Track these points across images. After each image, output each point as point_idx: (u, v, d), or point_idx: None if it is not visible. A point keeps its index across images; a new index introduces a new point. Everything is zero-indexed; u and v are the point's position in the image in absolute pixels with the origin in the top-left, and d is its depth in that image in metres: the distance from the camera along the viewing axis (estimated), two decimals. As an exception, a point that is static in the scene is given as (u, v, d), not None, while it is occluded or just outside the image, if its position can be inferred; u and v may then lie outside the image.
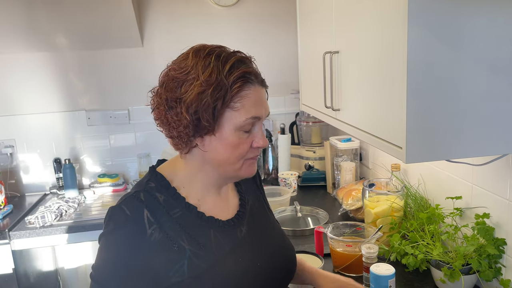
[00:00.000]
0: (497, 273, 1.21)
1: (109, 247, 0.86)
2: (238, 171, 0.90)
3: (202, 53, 0.85)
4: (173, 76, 0.85)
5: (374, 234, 1.40)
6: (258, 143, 0.89)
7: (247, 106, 0.85)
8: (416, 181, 1.65)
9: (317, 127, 2.50)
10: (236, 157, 0.88)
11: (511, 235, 1.17)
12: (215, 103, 0.82)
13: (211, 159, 0.89)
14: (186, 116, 0.82)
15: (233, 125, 0.85)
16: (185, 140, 0.87)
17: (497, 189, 1.20)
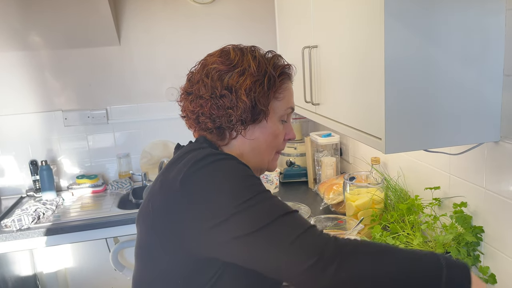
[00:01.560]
0: (476, 261, 1.24)
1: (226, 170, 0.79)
2: (269, 163, 0.97)
3: (244, 48, 0.94)
4: (218, 68, 0.90)
5: (355, 226, 1.41)
6: (290, 135, 0.98)
7: (287, 97, 0.95)
8: (396, 174, 1.67)
9: (297, 123, 2.51)
10: (274, 147, 0.95)
11: (488, 222, 1.20)
12: (269, 91, 0.90)
13: (251, 148, 0.93)
14: (246, 101, 0.87)
15: (277, 114, 0.93)
16: (233, 128, 0.89)
17: (473, 178, 1.23)
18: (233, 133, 0.91)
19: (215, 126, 0.90)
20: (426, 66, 1.01)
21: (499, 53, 1.05)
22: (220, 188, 0.76)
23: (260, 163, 0.96)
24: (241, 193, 0.75)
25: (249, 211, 0.73)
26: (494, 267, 1.19)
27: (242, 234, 0.72)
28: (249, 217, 0.73)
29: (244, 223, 0.72)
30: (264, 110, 0.90)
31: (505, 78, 1.05)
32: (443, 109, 1.04)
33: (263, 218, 0.73)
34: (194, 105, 0.91)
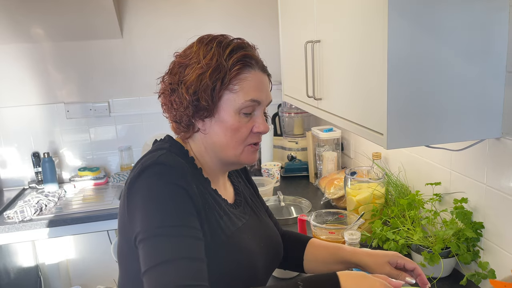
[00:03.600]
0: (475, 256, 1.25)
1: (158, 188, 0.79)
2: (239, 157, 0.92)
3: (205, 40, 0.90)
4: (178, 62, 0.90)
5: (356, 221, 1.42)
6: (258, 128, 0.91)
7: (246, 88, 0.88)
8: (397, 169, 1.67)
9: (299, 118, 2.52)
10: (237, 141, 0.90)
11: (488, 218, 1.20)
12: (214, 84, 0.85)
13: (212, 143, 0.91)
14: (186, 96, 0.86)
15: (233, 107, 0.88)
16: (187, 123, 0.90)
17: (474, 174, 1.23)
18: (192, 127, 0.91)
19: (174, 120, 0.91)
20: (429, 62, 1.01)
21: (502, 50, 1.05)
22: (144, 207, 0.78)
23: (226, 157, 0.92)
24: (163, 217, 0.77)
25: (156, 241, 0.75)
26: (494, 263, 1.20)
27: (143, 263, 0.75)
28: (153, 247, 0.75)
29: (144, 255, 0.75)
30: (207, 105, 0.86)
31: (508, 75, 1.05)
32: (445, 105, 1.05)
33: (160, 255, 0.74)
34: (162, 98, 0.94)
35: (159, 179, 0.79)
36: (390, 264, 0.99)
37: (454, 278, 1.29)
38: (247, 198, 1.07)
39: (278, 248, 1.07)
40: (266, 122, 0.94)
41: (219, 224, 0.88)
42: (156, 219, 0.76)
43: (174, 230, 0.76)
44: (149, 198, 0.78)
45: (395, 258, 0.99)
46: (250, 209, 1.04)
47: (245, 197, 1.06)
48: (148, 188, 0.79)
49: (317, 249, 1.12)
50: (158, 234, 0.75)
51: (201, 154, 0.94)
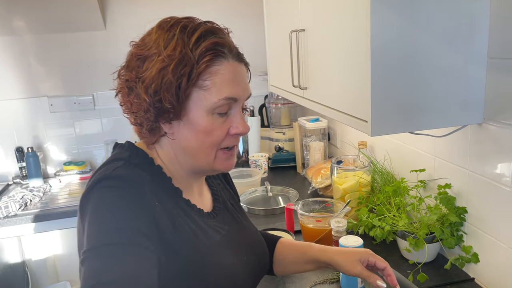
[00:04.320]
0: (459, 240, 1.27)
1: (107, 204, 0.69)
2: (213, 164, 0.79)
3: (166, 25, 0.75)
4: (135, 54, 0.76)
5: (342, 209, 1.43)
6: (237, 129, 0.78)
7: (220, 84, 0.74)
8: (383, 157, 1.69)
9: (286, 108, 2.52)
10: (210, 145, 0.77)
11: (471, 203, 1.22)
12: (178, 81, 0.71)
13: (182, 148, 0.78)
14: (145, 98, 0.72)
15: (204, 107, 0.74)
16: (149, 128, 0.76)
17: (457, 160, 1.25)
18: (158, 130, 0.77)
19: (136, 123, 0.78)
20: (412, 49, 1.02)
21: (483, 37, 1.06)
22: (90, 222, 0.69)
23: (197, 164, 0.80)
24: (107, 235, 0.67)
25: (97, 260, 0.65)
26: (477, 247, 1.22)
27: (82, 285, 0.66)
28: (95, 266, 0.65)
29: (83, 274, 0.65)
30: (171, 108, 0.72)
31: (489, 61, 1.07)
32: (428, 92, 1.06)
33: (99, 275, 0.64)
34: (120, 97, 0.79)
35: (110, 192, 0.69)
36: (361, 262, 0.93)
37: (438, 262, 1.31)
38: (226, 203, 0.95)
39: (264, 258, 0.97)
40: (245, 121, 0.79)
41: (192, 242, 0.77)
42: (100, 236, 0.66)
43: (116, 249, 0.65)
44: (96, 213, 0.68)
45: (366, 255, 0.94)
46: (230, 216, 0.93)
47: (224, 202, 0.94)
48: (97, 202, 0.69)
49: (287, 248, 1.04)
50: (97, 255, 0.65)
51: (170, 160, 0.81)
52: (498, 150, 1.09)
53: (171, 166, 0.82)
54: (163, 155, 0.81)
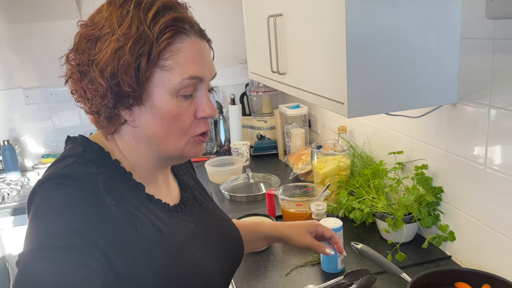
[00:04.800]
0: (436, 220, 1.29)
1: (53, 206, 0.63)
2: (183, 150, 0.74)
3: (118, 1, 0.69)
4: (85, 34, 0.69)
5: (322, 192, 1.44)
6: (203, 112, 0.73)
7: (182, 63, 0.69)
8: (362, 141, 1.71)
9: (267, 96, 2.52)
10: (178, 131, 0.72)
11: (447, 183, 1.25)
12: (137, 62, 0.66)
13: (146, 137, 0.72)
14: (102, 82, 0.66)
15: (167, 89, 0.69)
16: (108, 115, 0.69)
17: (433, 140, 1.27)
18: (117, 118, 0.71)
19: (92, 111, 0.71)
20: (387, 30, 1.02)
21: (456, 17, 1.07)
22: (31, 222, 0.63)
23: (165, 152, 0.74)
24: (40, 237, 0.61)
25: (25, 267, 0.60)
26: (453, 225, 1.25)
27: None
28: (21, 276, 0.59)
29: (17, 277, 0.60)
30: (131, 91, 0.67)
31: (462, 41, 1.08)
32: (403, 73, 1.07)
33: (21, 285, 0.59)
34: (70, 84, 0.73)
35: (55, 192, 0.63)
36: (310, 233, 1.01)
37: (416, 242, 1.33)
38: (194, 192, 0.90)
39: (238, 247, 0.93)
40: (212, 104, 0.74)
41: (158, 242, 0.71)
42: (39, 238, 0.61)
43: (54, 254, 0.60)
44: (38, 213, 0.63)
45: (314, 226, 1.02)
46: (199, 206, 0.88)
47: (192, 192, 0.89)
48: (40, 202, 0.64)
49: (239, 228, 0.99)
50: (33, 258, 0.60)
51: (132, 151, 0.75)
52: (472, 129, 1.11)
53: (133, 158, 0.75)
54: (124, 146, 0.75)
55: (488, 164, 1.07)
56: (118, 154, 0.75)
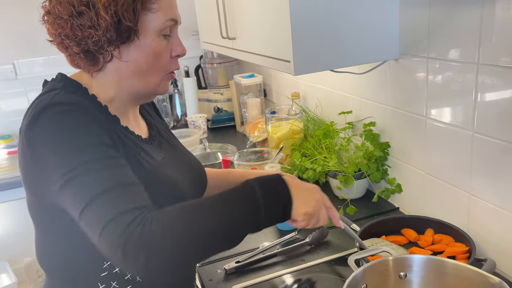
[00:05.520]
0: (384, 174, 1.35)
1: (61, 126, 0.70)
2: (158, 85, 0.85)
3: None
4: None
5: (276, 155, 1.47)
6: (176, 51, 0.85)
7: (165, 6, 0.81)
8: (314, 105, 1.74)
9: (222, 68, 2.50)
10: (159, 68, 0.83)
11: (394, 138, 1.30)
12: (134, 3, 0.77)
13: (131, 72, 0.81)
14: (106, 17, 0.74)
15: (154, 28, 0.80)
16: (101, 51, 0.78)
17: (379, 97, 1.31)
18: (106, 55, 0.79)
19: (82, 50, 0.78)
20: (329, -12, 1.03)
21: (396, -27, 1.10)
22: (61, 145, 0.70)
23: (145, 87, 0.84)
24: (81, 155, 0.69)
25: (81, 179, 0.68)
26: (400, 178, 1.30)
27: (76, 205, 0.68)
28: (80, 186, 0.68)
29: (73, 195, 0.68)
30: (132, 26, 0.77)
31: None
32: (346, 29, 1.08)
33: (91, 190, 0.67)
34: (55, 27, 0.78)
35: (63, 118, 0.71)
36: None
37: (367, 197, 1.39)
38: (161, 132, 0.99)
39: (202, 176, 1.03)
40: (182, 44, 0.87)
41: (137, 160, 0.81)
42: (74, 158, 0.69)
43: (96, 164, 0.69)
44: (57, 139, 0.70)
45: None
46: (166, 142, 0.97)
47: (159, 131, 0.98)
48: (51, 130, 0.71)
49: (209, 175, 1.08)
50: (81, 173, 0.68)
51: (110, 87, 0.83)
52: (413, 83, 1.15)
53: (109, 94, 0.83)
54: (103, 83, 0.83)
55: (428, 115, 1.12)
56: (94, 90, 0.83)
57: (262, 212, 0.71)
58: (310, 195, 0.77)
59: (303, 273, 1.06)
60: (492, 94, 0.92)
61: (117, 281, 0.79)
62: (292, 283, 1.03)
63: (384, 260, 0.76)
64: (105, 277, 0.79)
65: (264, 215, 0.71)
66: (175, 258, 0.66)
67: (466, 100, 0.99)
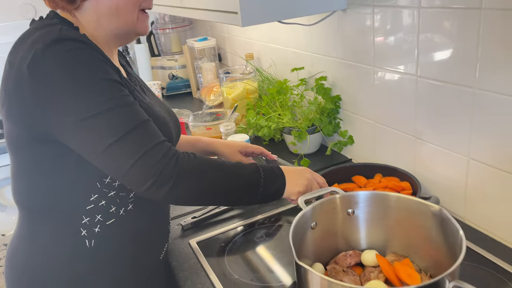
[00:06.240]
0: (337, 127, 1.37)
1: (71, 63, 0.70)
2: (135, 24, 0.85)
3: None
4: None
5: (231, 114, 1.46)
6: None
7: None
8: (268, 65, 1.73)
9: (175, 33, 2.43)
10: (133, 3, 0.82)
11: (344, 90, 1.32)
12: None
13: (108, 9, 0.81)
14: None
15: None
16: None
17: (329, 51, 1.32)
18: None
19: None
20: None
21: None
22: (78, 81, 0.70)
23: (124, 25, 0.85)
24: (101, 93, 0.71)
25: (107, 116, 0.71)
26: (352, 130, 1.33)
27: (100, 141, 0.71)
28: (107, 123, 0.71)
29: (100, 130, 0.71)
30: None
31: None
32: (293, -22, 1.07)
33: (118, 127, 0.71)
34: None
35: (77, 54, 0.71)
36: (241, 152, 1.11)
37: (321, 151, 1.42)
38: (138, 79, 1.00)
39: (179, 124, 1.05)
40: None
41: (136, 96, 0.82)
42: (93, 95, 0.71)
43: (116, 101, 0.72)
44: (73, 74, 0.70)
45: (244, 147, 1.12)
46: (145, 88, 0.98)
47: (136, 78, 0.99)
48: (66, 64, 0.70)
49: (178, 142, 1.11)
50: (104, 110, 0.71)
51: (94, 27, 0.83)
52: (361, 32, 1.16)
53: (94, 33, 0.83)
54: (86, 22, 0.82)
55: (375, 63, 1.14)
56: (82, 29, 0.82)
57: (261, 188, 0.82)
58: (300, 176, 0.88)
59: (258, 223, 1.08)
60: (434, 36, 0.95)
61: (102, 214, 0.80)
62: (246, 232, 1.04)
63: (332, 198, 0.78)
64: (90, 210, 0.79)
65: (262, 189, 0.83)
66: (193, 195, 0.76)
67: (410, 46, 1.01)
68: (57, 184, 0.78)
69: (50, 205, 0.80)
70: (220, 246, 1.01)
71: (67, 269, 0.80)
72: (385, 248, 0.80)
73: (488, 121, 0.87)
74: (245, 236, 1.04)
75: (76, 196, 0.79)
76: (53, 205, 0.80)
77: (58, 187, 0.78)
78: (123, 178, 0.73)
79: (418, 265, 0.76)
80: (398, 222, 0.77)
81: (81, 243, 0.79)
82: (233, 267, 0.93)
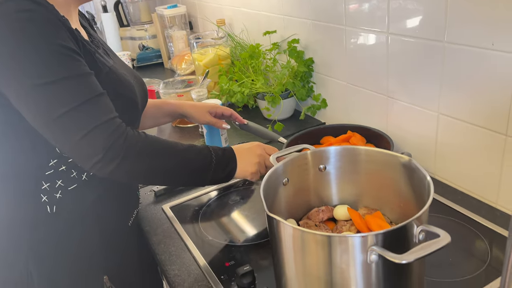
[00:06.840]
0: (310, 91, 1.36)
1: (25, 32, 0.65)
2: None
3: None
4: None
5: (202, 81, 1.43)
6: None
7: None
8: (240, 30, 1.69)
9: (143, 2, 2.34)
10: None
11: (317, 53, 1.30)
12: None
13: None
14: None
15: None
16: None
17: (301, 12, 1.29)
18: None
19: None
20: None
21: None
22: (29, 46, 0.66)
23: None
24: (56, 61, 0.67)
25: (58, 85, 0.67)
26: (325, 93, 1.32)
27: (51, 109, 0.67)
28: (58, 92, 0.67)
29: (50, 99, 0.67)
30: None
31: None
32: None
33: (70, 98, 0.67)
34: None
35: (32, 18, 0.66)
36: (211, 113, 1.08)
37: (295, 117, 1.41)
38: (100, 41, 0.94)
39: (145, 88, 1.01)
40: None
41: (95, 60, 0.78)
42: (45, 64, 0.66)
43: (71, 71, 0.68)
44: (24, 41, 0.65)
45: (214, 108, 1.09)
46: (109, 51, 0.94)
47: (99, 40, 0.93)
48: (16, 27, 0.65)
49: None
50: (55, 80, 0.67)
51: None
52: (332, -9, 1.14)
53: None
54: None
55: (346, 24, 1.12)
56: None
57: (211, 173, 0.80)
58: (251, 154, 0.86)
59: (234, 187, 1.07)
60: (403, -8, 0.94)
61: (63, 179, 0.78)
62: (221, 195, 1.03)
63: (303, 154, 0.77)
64: (50, 176, 0.77)
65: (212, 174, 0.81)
66: (139, 175, 0.74)
67: (381, 3, 1.00)
68: (15, 149, 0.75)
69: (8, 171, 0.77)
70: (194, 210, 0.99)
71: (29, 235, 0.78)
72: (357, 202, 0.80)
73: (458, 74, 0.87)
74: (220, 199, 1.03)
75: (35, 161, 0.76)
76: (10, 172, 0.77)
77: (15, 152, 0.75)
78: (70, 151, 0.70)
79: (389, 217, 0.77)
80: (369, 176, 0.77)
81: (42, 209, 0.77)
82: (208, 229, 0.92)
